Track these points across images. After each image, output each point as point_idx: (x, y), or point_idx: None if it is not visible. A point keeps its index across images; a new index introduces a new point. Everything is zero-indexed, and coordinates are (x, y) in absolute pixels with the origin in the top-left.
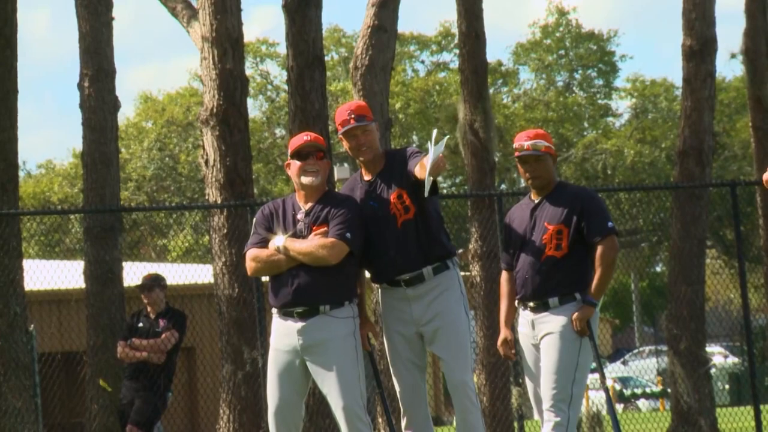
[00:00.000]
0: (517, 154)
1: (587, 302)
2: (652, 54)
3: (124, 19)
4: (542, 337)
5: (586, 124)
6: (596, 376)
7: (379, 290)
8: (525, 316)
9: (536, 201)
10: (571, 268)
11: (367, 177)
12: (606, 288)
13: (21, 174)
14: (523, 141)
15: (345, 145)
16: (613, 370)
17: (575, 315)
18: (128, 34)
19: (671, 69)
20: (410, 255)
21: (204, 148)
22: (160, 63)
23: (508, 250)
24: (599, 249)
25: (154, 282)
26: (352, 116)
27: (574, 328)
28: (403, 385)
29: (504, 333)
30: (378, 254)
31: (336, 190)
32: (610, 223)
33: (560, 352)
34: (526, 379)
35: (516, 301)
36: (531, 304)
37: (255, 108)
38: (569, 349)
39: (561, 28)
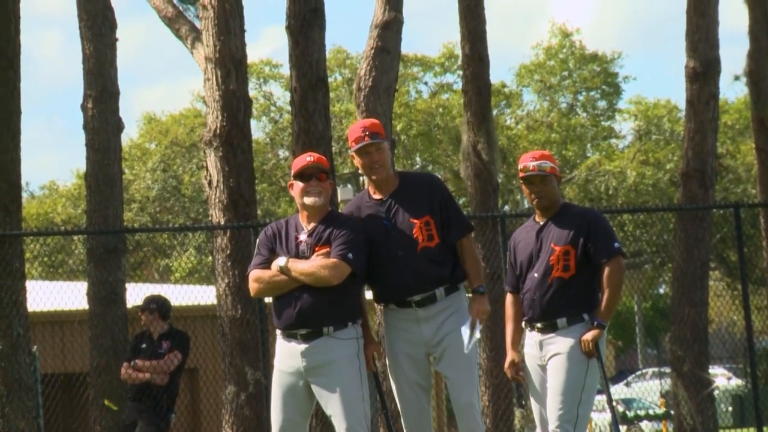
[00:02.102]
0: (522, 174)
1: (597, 324)
2: (656, 75)
3: (130, 41)
4: (550, 358)
5: (589, 146)
6: (600, 397)
7: (384, 311)
8: (532, 337)
9: (541, 222)
10: (578, 289)
11: (377, 196)
12: (614, 309)
13: (24, 195)
14: (528, 162)
15: (357, 163)
16: (616, 391)
17: (585, 336)
18: (134, 56)
19: (675, 90)
20: (425, 278)
21: (207, 169)
22: (167, 84)
23: (514, 272)
24: (606, 270)
25: (145, 305)
26: (366, 133)
27: (583, 349)
28: (408, 407)
29: (511, 355)
30: (388, 274)
31: (339, 210)
32: (616, 244)
33: (567, 372)
34: (532, 401)
35: (523, 323)
36: (538, 325)
37: (258, 129)
38: (576, 370)
39: (564, 50)
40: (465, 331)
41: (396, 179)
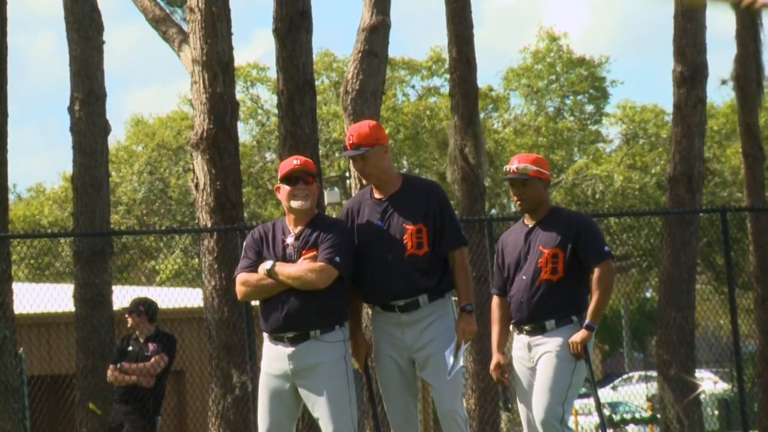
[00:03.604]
0: (506, 176)
1: (586, 327)
2: (644, 80)
3: (122, 43)
4: (539, 358)
5: (576, 150)
6: (588, 401)
7: (372, 313)
8: (520, 340)
9: (530, 225)
10: (566, 292)
11: (377, 195)
12: (603, 312)
13: (11, 197)
14: (512, 165)
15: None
16: (603, 395)
17: (573, 338)
18: (126, 58)
19: (662, 95)
20: (410, 284)
21: (194, 172)
22: (158, 87)
23: (501, 274)
24: (596, 273)
25: (133, 307)
26: (350, 144)
27: (572, 351)
28: (394, 410)
29: (497, 357)
30: (375, 276)
31: (326, 214)
32: (606, 248)
33: (555, 370)
34: (519, 403)
35: (510, 326)
36: (527, 327)
37: (245, 132)
38: (564, 368)
39: (552, 54)
40: (449, 354)
41: (398, 181)
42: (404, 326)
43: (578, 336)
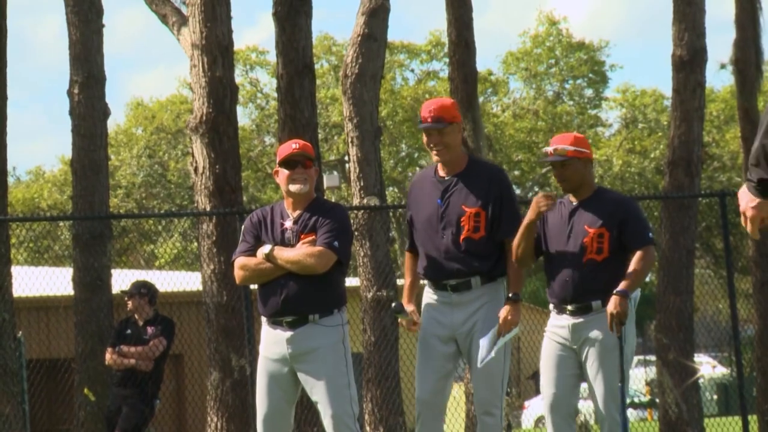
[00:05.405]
0: (543, 160)
1: (620, 292)
2: (643, 64)
3: (120, 27)
4: (587, 349)
5: None
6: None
7: (425, 287)
8: (560, 320)
9: (574, 204)
10: (610, 273)
11: (442, 173)
12: (636, 287)
13: (11, 180)
14: (550, 147)
15: (423, 139)
16: None
17: (609, 308)
18: (124, 42)
19: (661, 79)
20: (463, 265)
21: (193, 156)
22: (162, 71)
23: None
24: (637, 254)
25: (134, 289)
26: (430, 117)
27: (611, 321)
28: (425, 390)
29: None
30: (430, 252)
31: (325, 198)
32: (650, 234)
33: (606, 363)
34: (543, 378)
35: (550, 306)
36: (570, 307)
37: (245, 116)
38: (613, 359)
39: (551, 38)
40: (485, 342)
41: (464, 162)
42: (454, 305)
43: (618, 306)
